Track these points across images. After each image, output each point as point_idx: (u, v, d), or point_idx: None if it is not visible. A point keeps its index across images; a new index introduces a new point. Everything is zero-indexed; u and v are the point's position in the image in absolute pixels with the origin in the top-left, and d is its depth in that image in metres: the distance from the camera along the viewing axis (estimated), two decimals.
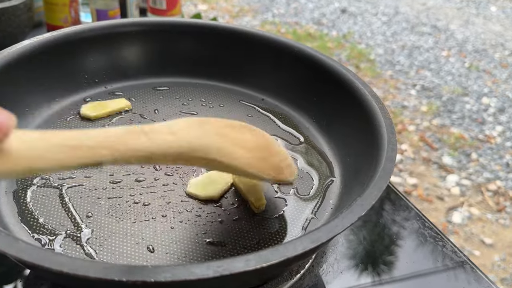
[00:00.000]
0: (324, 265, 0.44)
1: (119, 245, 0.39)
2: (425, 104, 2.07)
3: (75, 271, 0.26)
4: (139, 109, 0.56)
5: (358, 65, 2.37)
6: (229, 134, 0.35)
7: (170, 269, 0.27)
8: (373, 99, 0.47)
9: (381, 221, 0.52)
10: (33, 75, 0.52)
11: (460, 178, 1.65)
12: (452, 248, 0.48)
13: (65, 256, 0.27)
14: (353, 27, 2.83)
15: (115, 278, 0.26)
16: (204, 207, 0.43)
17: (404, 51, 2.56)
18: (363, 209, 0.33)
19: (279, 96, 0.60)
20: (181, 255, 0.38)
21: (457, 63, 2.47)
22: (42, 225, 0.40)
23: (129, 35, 0.60)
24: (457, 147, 1.80)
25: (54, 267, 0.27)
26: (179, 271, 0.27)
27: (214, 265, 0.27)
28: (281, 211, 0.44)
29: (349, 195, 0.44)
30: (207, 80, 0.63)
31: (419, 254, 0.48)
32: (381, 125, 0.44)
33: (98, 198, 0.43)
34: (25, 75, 0.51)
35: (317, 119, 0.56)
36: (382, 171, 0.38)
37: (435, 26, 2.89)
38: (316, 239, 0.30)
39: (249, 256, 0.28)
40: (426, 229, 0.51)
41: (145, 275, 0.26)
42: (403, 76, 2.30)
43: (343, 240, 0.48)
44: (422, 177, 1.64)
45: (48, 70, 0.54)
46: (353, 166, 0.48)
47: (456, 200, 1.55)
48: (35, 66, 0.52)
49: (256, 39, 0.60)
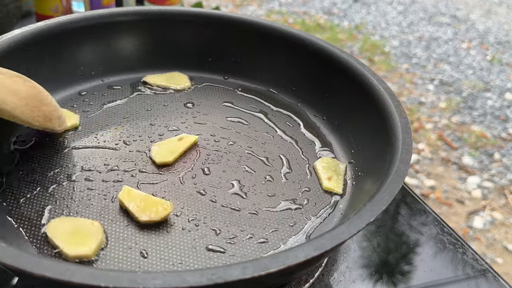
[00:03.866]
0: (335, 274, 0.44)
1: (109, 250, 0.39)
2: (443, 100, 2.06)
3: (60, 276, 0.26)
4: (137, 106, 0.56)
5: (371, 58, 2.36)
6: (2, 81, 0.42)
7: (161, 275, 0.27)
8: (387, 95, 0.47)
9: (397, 226, 0.52)
10: (24, 67, 0.52)
11: (482, 180, 1.64)
12: (473, 256, 0.48)
13: (49, 260, 0.27)
14: (366, 17, 2.82)
15: (101, 284, 0.26)
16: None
17: (421, 43, 2.55)
18: (372, 215, 0.33)
19: (286, 92, 0.60)
20: (177, 261, 0.38)
21: (478, 55, 2.45)
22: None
23: (128, 25, 0.60)
24: (478, 147, 1.79)
25: (36, 271, 0.27)
26: (171, 278, 0.27)
27: (209, 273, 0.27)
28: (287, 215, 0.44)
29: (359, 199, 0.44)
30: (209, 74, 0.63)
31: (437, 262, 0.48)
32: (396, 124, 0.44)
33: (89, 199, 0.43)
34: (14, 67, 0.51)
35: (329, 118, 0.56)
36: (395, 174, 0.37)
37: (454, 16, 2.87)
38: (319, 246, 0.30)
39: (246, 264, 0.28)
40: (445, 235, 0.50)
41: (134, 282, 0.26)
42: (420, 70, 2.29)
43: (356, 246, 0.48)
44: (441, 178, 1.63)
45: (41, 62, 0.54)
46: (365, 168, 0.48)
47: (478, 203, 1.55)
48: (26, 57, 0.52)
49: (262, 30, 0.60)
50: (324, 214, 0.45)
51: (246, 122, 0.55)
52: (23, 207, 0.42)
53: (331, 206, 0.46)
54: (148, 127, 0.53)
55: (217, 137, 0.53)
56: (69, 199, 0.43)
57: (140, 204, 0.42)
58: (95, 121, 0.53)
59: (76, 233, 0.39)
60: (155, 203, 0.42)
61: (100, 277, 0.26)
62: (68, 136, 0.50)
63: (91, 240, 0.38)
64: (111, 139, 0.51)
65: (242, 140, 0.53)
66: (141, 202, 0.42)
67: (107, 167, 0.47)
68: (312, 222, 0.44)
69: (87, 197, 0.43)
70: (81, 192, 0.44)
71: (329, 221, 0.44)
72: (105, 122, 0.53)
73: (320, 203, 0.46)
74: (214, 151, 0.51)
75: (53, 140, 0.50)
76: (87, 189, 0.44)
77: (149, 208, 0.41)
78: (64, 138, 0.50)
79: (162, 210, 0.41)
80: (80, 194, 0.43)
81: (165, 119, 0.54)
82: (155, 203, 0.42)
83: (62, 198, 0.43)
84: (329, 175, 0.48)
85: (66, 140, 0.50)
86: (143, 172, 0.47)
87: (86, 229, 0.39)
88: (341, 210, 0.45)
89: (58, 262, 0.27)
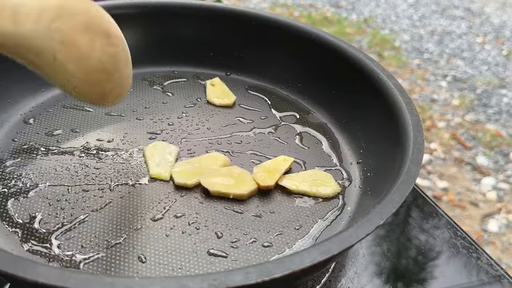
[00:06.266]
0: (342, 280, 0.44)
1: (107, 254, 0.39)
2: (457, 98, 2.06)
3: (54, 281, 0.26)
4: (135, 103, 0.56)
5: (381, 53, 2.36)
6: (78, 42, 0.34)
7: (160, 281, 0.27)
8: (398, 92, 0.47)
9: (407, 230, 0.51)
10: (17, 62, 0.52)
11: (497, 181, 1.64)
12: (487, 261, 0.48)
13: (42, 265, 0.27)
14: (376, 9, 2.81)
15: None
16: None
17: (433, 37, 2.55)
18: (382, 217, 0.33)
19: (292, 88, 0.60)
20: (176, 266, 0.38)
21: (494, 50, 2.45)
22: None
23: (125, 18, 0.59)
24: (493, 146, 1.79)
25: (29, 277, 0.26)
26: (170, 284, 0.27)
27: (210, 278, 0.27)
28: (292, 217, 0.44)
29: (368, 201, 0.44)
30: (211, 70, 0.63)
31: (450, 268, 0.47)
32: (407, 122, 0.44)
33: (85, 201, 0.43)
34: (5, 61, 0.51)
35: (336, 116, 0.56)
36: (405, 174, 0.37)
37: (468, 9, 2.87)
38: (326, 250, 0.30)
39: (250, 269, 0.28)
40: (458, 239, 0.50)
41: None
42: (432, 65, 2.29)
43: (364, 251, 0.48)
44: (454, 180, 1.63)
45: None
46: (373, 168, 0.48)
47: (493, 206, 1.54)
48: None
49: (266, 24, 0.60)
50: (331, 217, 0.45)
51: (249, 120, 0.55)
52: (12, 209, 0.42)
53: (339, 208, 0.46)
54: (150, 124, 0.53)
55: (218, 135, 0.53)
56: (64, 201, 0.43)
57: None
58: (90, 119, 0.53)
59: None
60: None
61: (96, 283, 0.26)
62: (67, 135, 0.50)
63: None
64: (109, 137, 0.51)
65: (244, 139, 0.53)
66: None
67: (106, 167, 0.47)
68: (319, 225, 0.44)
69: (82, 198, 0.43)
70: (76, 194, 0.44)
71: (337, 224, 0.44)
72: (101, 119, 0.53)
73: (327, 205, 0.46)
74: (215, 151, 0.51)
75: (46, 142, 0.50)
76: (82, 190, 0.44)
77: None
78: (58, 137, 0.50)
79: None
80: (75, 196, 0.44)
81: (164, 116, 0.55)
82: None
83: (56, 201, 0.43)
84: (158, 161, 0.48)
85: (59, 139, 0.50)
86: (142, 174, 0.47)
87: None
88: (349, 212, 0.45)
89: (52, 267, 0.27)
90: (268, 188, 0.46)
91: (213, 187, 0.44)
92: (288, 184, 0.47)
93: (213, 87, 0.59)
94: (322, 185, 0.47)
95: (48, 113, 0.53)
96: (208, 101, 0.58)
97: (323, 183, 0.47)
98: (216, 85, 0.59)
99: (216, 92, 0.58)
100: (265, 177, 0.46)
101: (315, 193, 0.46)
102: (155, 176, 0.46)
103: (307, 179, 0.47)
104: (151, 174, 0.47)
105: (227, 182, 0.45)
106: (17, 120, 0.52)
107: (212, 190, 0.44)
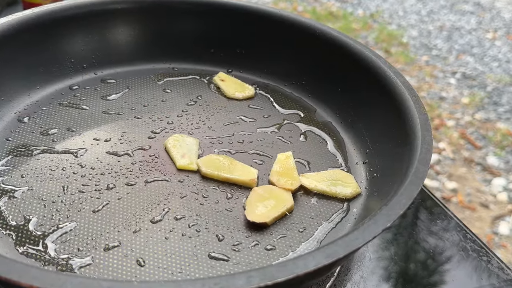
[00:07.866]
0: (348, 284, 0.44)
1: (104, 257, 0.39)
2: (466, 95, 2.06)
3: (50, 285, 0.26)
4: (133, 101, 0.56)
5: (388, 49, 2.36)
6: None
7: (159, 285, 0.27)
8: (405, 89, 0.47)
9: (415, 232, 0.51)
10: (10, 59, 0.52)
11: (508, 182, 1.63)
12: (498, 264, 0.48)
13: (37, 269, 0.27)
14: (382, 4, 2.81)
15: None
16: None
17: (442, 33, 2.54)
18: (389, 220, 0.33)
19: (296, 85, 0.60)
20: (176, 270, 0.38)
21: (504, 47, 2.44)
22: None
23: (123, 14, 0.60)
24: (504, 146, 1.79)
25: (24, 281, 0.26)
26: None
27: (211, 282, 0.27)
28: (296, 219, 0.44)
29: (375, 203, 0.44)
30: (212, 67, 0.63)
31: (460, 271, 0.47)
32: (415, 121, 0.44)
33: (81, 203, 0.43)
34: (0, 58, 0.51)
35: (342, 114, 0.56)
36: (413, 175, 0.37)
37: (478, 4, 2.86)
38: (331, 254, 0.30)
39: (252, 272, 0.28)
40: (468, 242, 0.50)
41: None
42: (441, 62, 2.28)
43: (371, 255, 0.47)
44: (463, 180, 1.63)
45: (28, 53, 0.54)
46: (380, 169, 0.48)
47: (504, 207, 1.54)
48: (13, 48, 0.52)
49: (269, 19, 0.60)
50: (336, 219, 0.44)
51: (251, 118, 0.55)
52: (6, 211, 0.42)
53: (344, 210, 0.45)
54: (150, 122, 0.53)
55: (219, 134, 0.53)
56: (59, 202, 0.43)
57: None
58: (87, 117, 0.53)
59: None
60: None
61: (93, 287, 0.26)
62: (62, 134, 0.50)
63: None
64: (106, 137, 0.51)
65: (246, 138, 0.52)
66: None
67: (103, 167, 0.47)
68: (324, 227, 0.44)
69: (79, 200, 0.43)
70: (72, 195, 0.44)
71: (342, 226, 0.44)
72: (98, 118, 0.53)
73: (333, 206, 0.46)
74: (216, 150, 0.50)
75: (41, 142, 0.50)
76: (78, 191, 0.44)
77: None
78: (54, 136, 0.50)
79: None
80: (71, 197, 0.44)
81: (163, 115, 0.55)
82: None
83: (51, 202, 0.43)
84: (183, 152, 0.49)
85: (55, 139, 0.50)
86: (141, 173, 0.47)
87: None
88: (354, 214, 0.45)
89: (47, 271, 0.27)
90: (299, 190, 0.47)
91: (265, 218, 0.43)
92: (306, 182, 0.47)
93: (224, 82, 0.59)
94: (342, 185, 0.47)
95: (43, 111, 0.53)
96: (228, 97, 0.58)
97: (342, 183, 0.47)
98: (226, 79, 0.59)
99: (231, 86, 0.58)
100: (287, 180, 0.47)
101: (333, 193, 0.46)
102: (182, 168, 0.47)
103: (326, 179, 0.47)
104: (178, 166, 0.47)
105: (270, 205, 0.44)
106: (11, 118, 0.52)
107: (269, 220, 0.43)
